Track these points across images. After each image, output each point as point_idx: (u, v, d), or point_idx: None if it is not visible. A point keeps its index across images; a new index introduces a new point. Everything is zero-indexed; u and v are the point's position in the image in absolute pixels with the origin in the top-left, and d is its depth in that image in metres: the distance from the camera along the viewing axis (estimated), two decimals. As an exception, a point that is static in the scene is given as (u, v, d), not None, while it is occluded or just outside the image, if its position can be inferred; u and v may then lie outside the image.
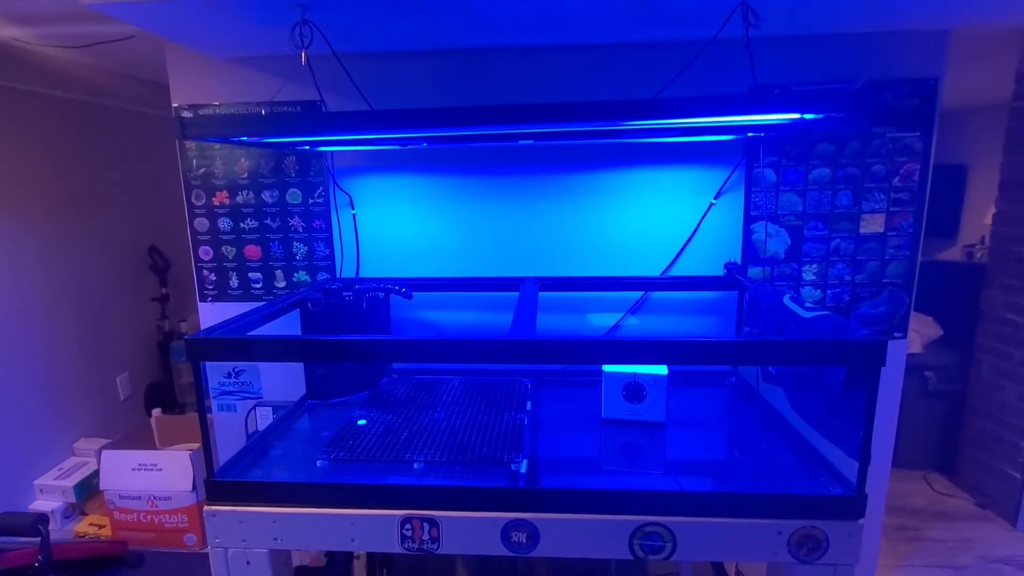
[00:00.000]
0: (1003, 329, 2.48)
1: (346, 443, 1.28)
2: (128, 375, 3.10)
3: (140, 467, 2.29)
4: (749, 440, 1.39)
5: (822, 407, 1.20)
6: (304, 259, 1.85)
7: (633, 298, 1.79)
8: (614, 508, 1.08)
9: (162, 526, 2.27)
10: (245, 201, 1.82)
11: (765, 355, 1.07)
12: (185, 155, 1.79)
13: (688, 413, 1.51)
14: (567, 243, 1.79)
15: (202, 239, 1.85)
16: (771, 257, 1.75)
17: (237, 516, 1.13)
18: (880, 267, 1.74)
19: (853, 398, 1.06)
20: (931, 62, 1.61)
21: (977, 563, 2.21)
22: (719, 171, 1.72)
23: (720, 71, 1.60)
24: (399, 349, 1.03)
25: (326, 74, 1.58)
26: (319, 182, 1.79)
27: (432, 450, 1.25)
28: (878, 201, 1.71)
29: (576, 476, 1.22)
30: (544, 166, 1.75)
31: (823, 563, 1.07)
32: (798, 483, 1.16)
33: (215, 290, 1.89)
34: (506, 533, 1.09)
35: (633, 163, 1.73)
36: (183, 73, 1.75)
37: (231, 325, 1.22)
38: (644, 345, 1.03)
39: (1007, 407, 2.45)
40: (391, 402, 1.55)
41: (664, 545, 1.08)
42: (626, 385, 1.42)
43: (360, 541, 1.12)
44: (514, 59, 1.68)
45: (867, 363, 0.98)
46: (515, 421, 1.39)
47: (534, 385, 1.67)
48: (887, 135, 1.66)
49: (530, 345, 1.01)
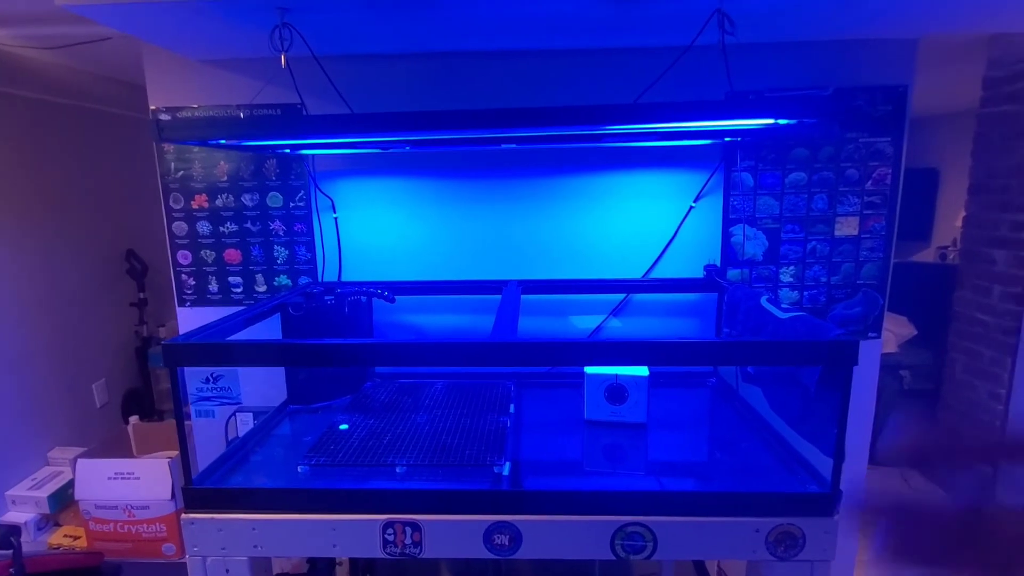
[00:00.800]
0: (974, 329, 2.56)
1: (327, 448, 1.27)
2: (105, 382, 3.04)
3: (117, 476, 2.24)
4: (729, 440, 1.41)
5: (798, 406, 1.22)
6: (285, 263, 1.83)
7: (615, 300, 1.81)
8: (596, 509, 1.08)
9: (140, 536, 2.23)
10: (225, 204, 1.80)
11: (742, 356, 1.09)
12: (163, 158, 1.77)
13: (669, 414, 1.53)
14: (549, 246, 1.80)
15: (180, 243, 1.83)
16: (749, 259, 1.78)
17: (216, 524, 1.11)
18: (854, 269, 1.79)
19: (827, 396, 1.08)
20: (901, 70, 1.65)
21: (951, 557, 2.26)
22: (698, 175, 1.75)
23: (698, 78, 1.63)
24: (379, 353, 1.03)
25: (306, 77, 1.57)
26: (300, 185, 1.78)
27: (414, 454, 1.24)
28: (852, 204, 1.75)
29: (559, 478, 1.23)
30: (527, 170, 1.76)
31: (800, 559, 1.09)
32: (776, 482, 1.19)
33: (194, 295, 1.87)
34: (488, 536, 1.09)
35: (615, 167, 1.75)
36: (160, 75, 1.73)
37: (209, 330, 1.20)
38: (624, 347, 1.04)
39: (978, 404, 2.52)
40: (374, 406, 1.54)
41: (646, 545, 1.09)
42: (608, 387, 1.43)
43: (341, 547, 1.11)
44: (494, 63, 1.69)
45: (840, 362, 1.00)
46: (498, 424, 1.39)
47: (518, 388, 1.67)
48: (860, 140, 1.70)
49: (511, 347, 1.02)
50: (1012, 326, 2.34)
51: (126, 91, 3.02)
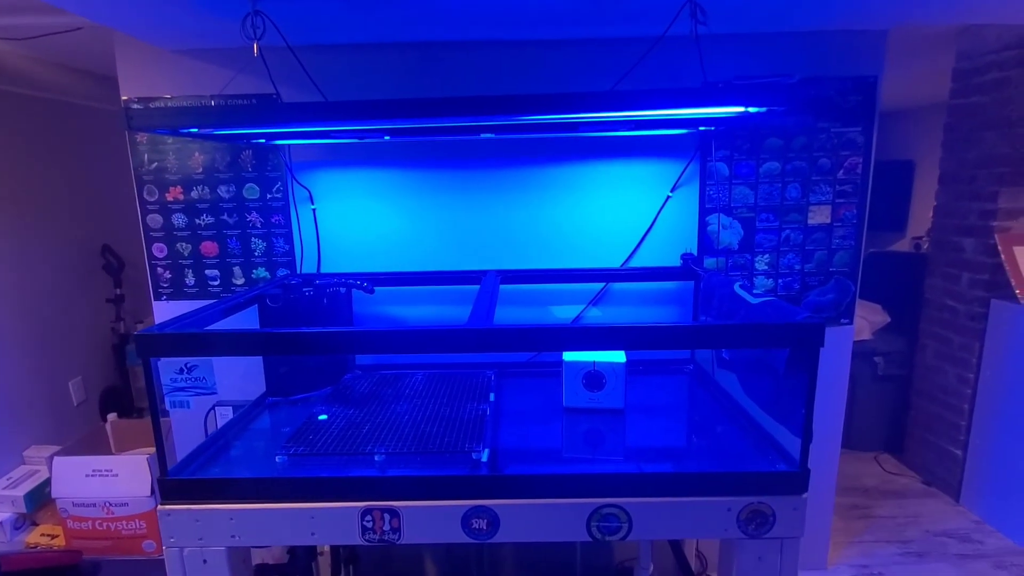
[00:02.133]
0: (943, 315, 2.62)
1: (306, 438, 1.27)
2: (81, 379, 2.99)
3: (95, 473, 2.21)
4: (704, 424, 1.44)
5: (770, 389, 1.25)
6: (263, 255, 1.82)
7: (594, 289, 1.83)
8: (572, 492, 1.10)
9: (119, 533, 2.20)
10: (200, 196, 1.78)
11: (712, 339, 1.11)
12: (136, 149, 1.74)
13: (646, 400, 1.55)
14: (529, 236, 1.81)
15: (155, 236, 1.81)
16: (725, 248, 1.81)
17: (192, 514, 1.11)
18: (827, 256, 1.82)
19: (795, 378, 1.11)
20: (871, 60, 1.69)
21: (923, 537, 2.33)
22: (675, 165, 1.77)
23: (671, 68, 1.65)
24: (353, 341, 1.03)
25: (280, 67, 1.56)
26: (277, 177, 1.77)
27: (394, 442, 1.25)
28: (824, 193, 1.78)
29: (537, 463, 1.25)
30: (505, 160, 1.77)
31: (771, 537, 1.12)
32: (748, 462, 1.21)
33: (170, 288, 1.84)
34: (467, 520, 1.10)
35: (593, 157, 1.76)
36: (132, 66, 1.70)
37: (184, 321, 1.19)
38: (600, 331, 1.06)
39: (948, 389, 2.59)
40: (354, 397, 1.54)
41: (621, 526, 1.11)
42: (586, 374, 1.45)
43: (320, 535, 1.12)
44: (471, 53, 1.69)
45: (807, 344, 1.03)
46: (478, 412, 1.40)
47: (498, 377, 1.68)
48: (832, 130, 1.73)
49: (487, 334, 1.03)
50: (980, 312, 2.41)
51: (97, 83, 2.96)
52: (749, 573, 1.15)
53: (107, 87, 2.97)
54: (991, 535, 2.33)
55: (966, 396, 2.49)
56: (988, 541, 2.30)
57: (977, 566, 2.16)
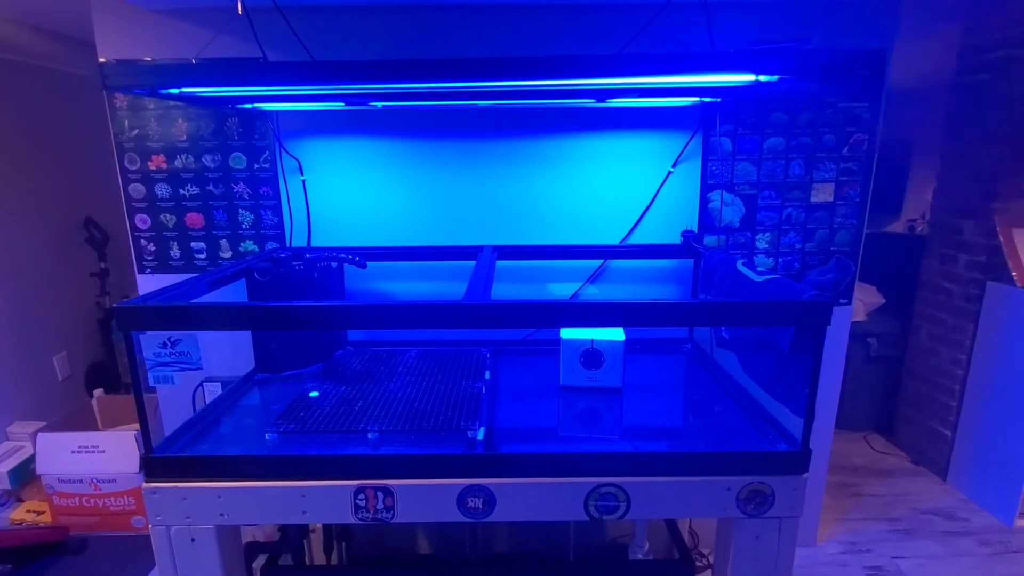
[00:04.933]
0: (939, 297, 2.62)
1: (297, 415, 1.24)
2: (66, 355, 2.93)
3: (80, 449, 2.17)
4: (702, 403, 1.42)
5: (771, 369, 1.23)
6: (251, 228, 1.76)
7: (592, 267, 1.79)
8: (569, 471, 1.08)
9: (107, 509, 2.18)
10: (184, 166, 1.70)
11: (719, 316, 1.08)
12: (116, 115, 1.66)
13: (645, 379, 1.53)
14: (526, 211, 1.76)
15: (138, 206, 1.74)
16: (727, 226, 1.78)
17: (179, 492, 1.08)
18: (829, 235, 1.79)
19: (800, 357, 1.08)
20: (881, 31, 1.63)
21: (910, 515, 2.36)
22: (677, 139, 1.72)
23: (677, 36, 1.58)
24: (346, 315, 0.99)
25: (268, 29, 1.48)
26: (265, 146, 1.69)
27: (387, 420, 1.22)
28: (828, 171, 1.74)
29: (533, 442, 1.22)
30: (503, 132, 1.71)
31: (769, 516, 1.11)
32: (747, 442, 1.20)
33: (155, 261, 1.78)
34: (462, 499, 1.08)
35: (594, 129, 1.71)
36: (110, 26, 1.61)
37: (168, 294, 1.14)
38: (599, 308, 1.02)
39: (940, 370, 2.61)
40: (346, 374, 1.51)
41: (619, 505, 1.09)
42: (584, 352, 1.42)
43: (312, 513, 1.09)
44: (468, 18, 1.62)
45: (814, 322, 1.00)
46: (473, 390, 1.37)
47: (493, 355, 1.65)
48: (838, 105, 1.69)
49: (483, 308, 0.99)
50: (975, 294, 2.41)
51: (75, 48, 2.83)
52: (747, 552, 1.14)
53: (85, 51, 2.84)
54: (977, 513, 2.37)
55: (958, 377, 2.51)
56: (974, 519, 2.34)
57: (963, 543, 2.19)
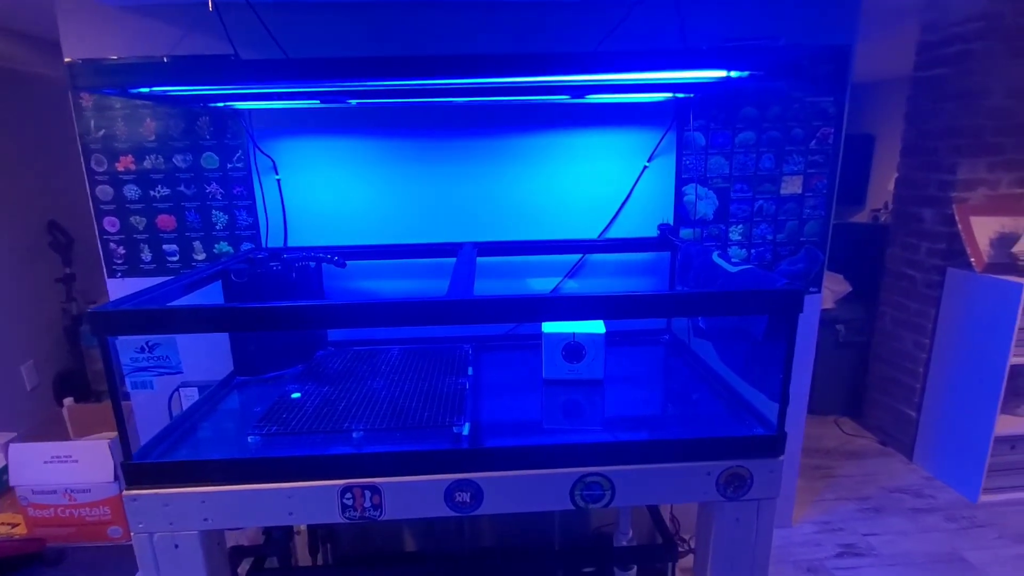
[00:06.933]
0: (901, 283, 2.73)
1: (279, 417, 1.23)
2: (33, 363, 2.83)
3: (53, 460, 2.10)
4: (682, 392, 1.46)
5: (746, 356, 1.27)
6: (225, 229, 1.73)
7: (571, 261, 1.81)
8: (555, 462, 1.10)
9: (83, 520, 2.12)
10: (154, 166, 1.66)
11: (695, 306, 1.11)
12: (81, 115, 1.61)
13: (625, 370, 1.56)
14: (506, 207, 1.77)
15: (106, 208, 1.69)
16: (701, 219, 1.82)
17: (161, 499, 1.06)
18: (798, 226, 1.85)
19: (773, 344, 1.12)
20: (844, 28, 1.69)
21: (879, 493, 2.46)
22: (652, 135, 1.75)
23: (650, 33, 1.61)
24: (326, 314, 0.98)
25: (239, 27, 1.45)
26: (238, 145, 1.67)
27: (371, 419, 1.22)
28: (797, 163, 1.80)
29: (519, 435, 1.24)
30: (480, 129, 1.72)
31: (748, 499, 1.15)
32: (726, 428, 1.24)
33: (125, 265, 1.74)
34: (450, 494, 1.09)
35: (571, 126, 1.73)
36: (75, 24, 1.56)
37: (143, 297, 1.12)
38: (580, 301, 1.04)
39: (904, 354, 2.71)
40: (327, 374, 1.50)
41: (604, 494, 1.12)
42: (565, 345, 1.44)
43: (298, 514, 1.09)
44: (444, 15, 1.62)
45: (787, 310, 1.04)
46: (457, 386, 1.38)
47: (476, 351, 1.66)
48: (806, 99, 1.74)
49: (468, 305, 1.00)
50: (936, 280, 2.51)
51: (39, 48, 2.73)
52: (727, 534, 1.18)
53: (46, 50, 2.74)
54: (942, 490, 2.48)
55: (921, 360, 2.61)
56: (939, 495, 2.44)
57: (930, 519, 2.30)
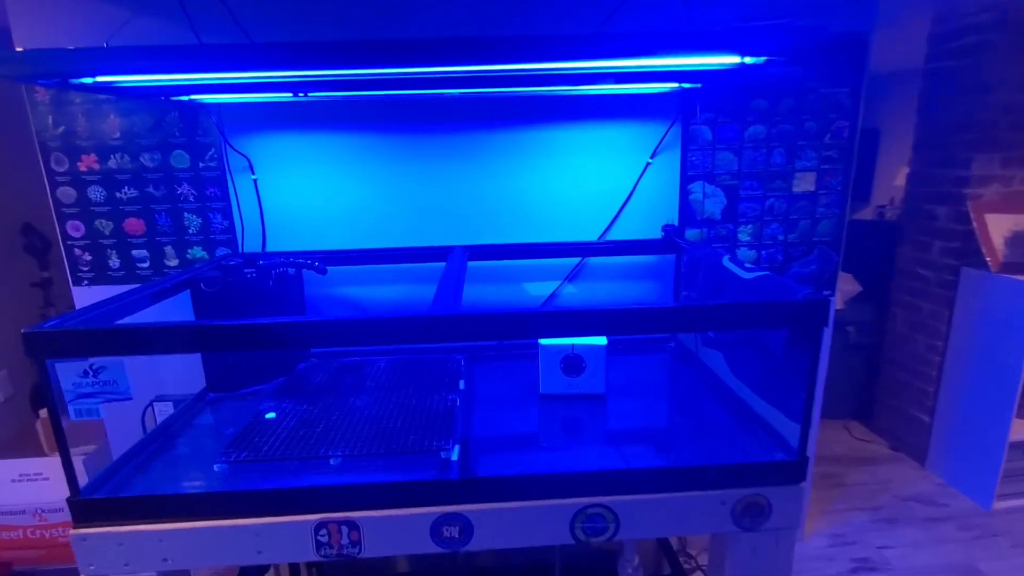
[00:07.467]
0: (914, 284, 2.62)
1: (250, 441, 1.12)
2: (7, 374, 2.71)
3: (22, 478, 1.99)
4: (691, 408, 1.35)
5: (762, 370, 1.16)
6: (199, 233, 1.61)
7: (570, 265, 1.70)
8: (553, 492, 0.99)
9: (54, 541, 2.00)
10: (120, 166, 1.54)
11: (710, 320, 1.00)
12: (37, 110, 1.49)
13: (629, 383, 1.45)
14: (498, 208, 1.66)
15: (69, 212, 1.57)
16: (708, 218, 1.71)
17: (115, 538, 0.95)
18: (811, 226, 1.74)
19: (795, 360, 1.01)
20: (862, 13, 1.57)
21: (892, 502, 2.36)
22: (655, 128, 1.64)
23: (654, 17, 1.49)
24: (291, 333, 0.87)
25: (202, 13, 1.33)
26: (210, 142, 1.55)
27: (352, 443, 1.11)
28: (810, 159, 1.69)
29: (512, 460, 1.13)
30: (471, 124, 1.60)
31: (766, 529, 1.04)
32: (740, 450, 1.13)
33: (91, 272, 1.62)
34: (436, 529, 0.98)
35: (567, 120, 1.61)
36: (27, 10, 1.44)
37: (92, 312, 1.01)
38: (580, 316, 0.93)
39: (916, 356, 2.61)
40: (308, 390, 1.39)
41: (607, 526, 1.01)
42: (564, 358, 1.33)
43: (268, 553, 0.98)
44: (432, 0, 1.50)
45: (810, 322, 0.93)
46: (446, 403, 1.27)
47: (468, 362, 1.55)
48: (820, 90, 1.63)
49: (453, 321, 0.89)
50: (950, 280, 2.41)
51: None
52: (743, 567, 1.07)
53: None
54: (955, 497, 2.38)
55: (934, 363, 2.51)
56: (953, 504, 2.35)
57: (944, 529, 2.20)
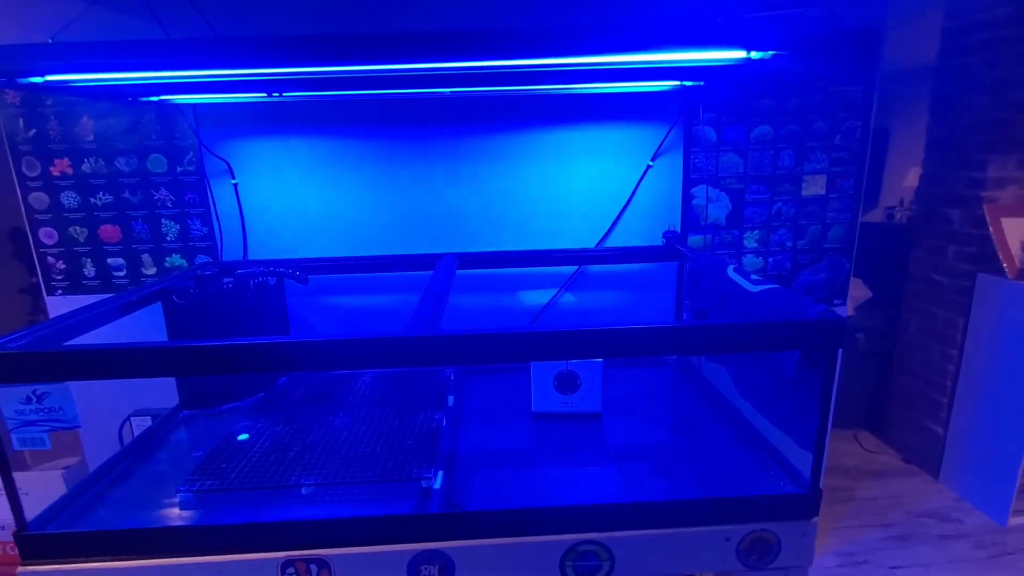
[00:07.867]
0: (928, 290, 2.52)
1: (218, 467, 1.04)
2: (-6, 381, 2.65)
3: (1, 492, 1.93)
4: (693, 431, 1.26)
5: (770, 390, 1.08)
6: (177, 240, 1.54)
7: (567, 273, 1.62)
8: (542, 528, 0.91)
9: (33, 558, 1.94)
10: (94, 170, 1.47)
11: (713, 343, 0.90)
12: (6, 112, 1.42)
13: (626, 401, 1.37)
14: (491, 213, 1.58)
15: (41, 218, 1.50)
16: (712, 224, 1.62)
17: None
18: (821, 232, 1.65)
19: (806, 381, 0.93)
20: (873, 6, 1.49)
21: (905, 519, 2.26)
22: (656, 130, 1.55)
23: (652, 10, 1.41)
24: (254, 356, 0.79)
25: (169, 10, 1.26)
26: (188, 146, 1.47)
27: (327, 469, 1.03)
28: (820, 161, 1.60)
29: (499, 488, 1.05)
30: (462, 126, 1.52)
31: (775, 567, 0.95)
32: (747, 480, 1.04)
33: (65, 281, 1.55)
34: (414, 567, 0.90)
35: (563, 120, 1.53)
36: None
37: (45, 329, 0.93)
38: (574, 337, 0.85)
39: (930, 365, 2.51)
40: (287, 407, 1.31)
41: (601, 565, 0.93)
42: (558, 374, 1.25)
43: (231, 592, 0.90)
44: (419, -5, 1.42)
45: (825, 344, 0.85)
46: (431, 423, 1.19)
47: (458, 376, 1.47)
48: (829, 88, 1.54)
49: (429, 343, 0.81)
50: (966, 286, 2.31)
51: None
52: (749, 607, 0.98)
53: None
54: (970, 513, 2.29)
55: (949, 373, 2.41)
56: (967, 520, 2.25)
57: (958, 547, 2.10)
